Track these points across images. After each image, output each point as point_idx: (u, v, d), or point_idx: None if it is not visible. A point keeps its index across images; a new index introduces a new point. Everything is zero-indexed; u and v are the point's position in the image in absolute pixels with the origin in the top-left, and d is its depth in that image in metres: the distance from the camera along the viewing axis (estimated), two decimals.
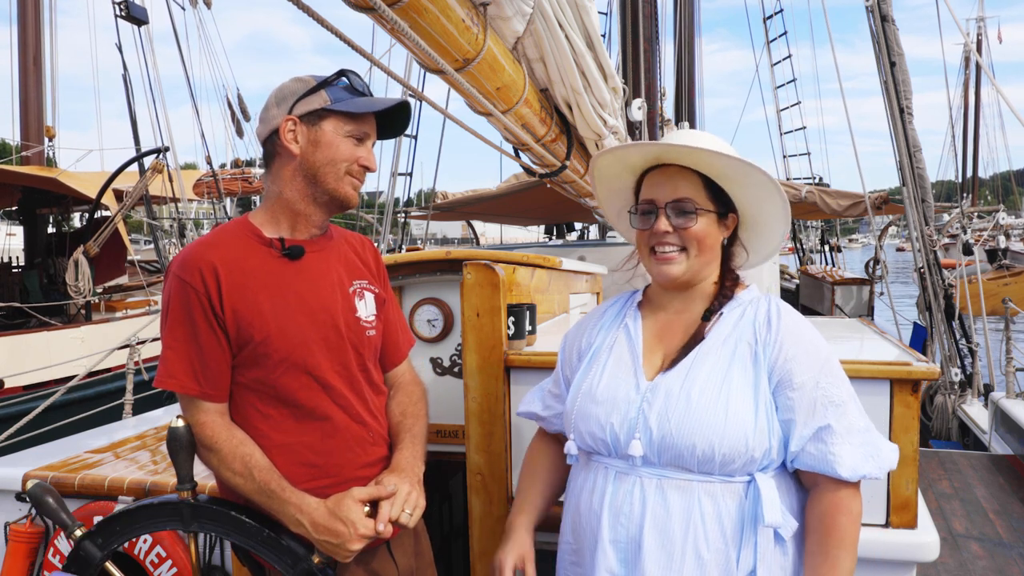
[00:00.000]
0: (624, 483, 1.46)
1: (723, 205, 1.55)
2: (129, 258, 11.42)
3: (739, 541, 1.40)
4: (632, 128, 4.04)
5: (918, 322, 7.68)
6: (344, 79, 1.65)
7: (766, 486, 1.41)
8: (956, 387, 6.41)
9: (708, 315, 1.54)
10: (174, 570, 2.34)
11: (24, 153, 11.13)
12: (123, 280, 12.85)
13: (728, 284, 1.58)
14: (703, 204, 1.51)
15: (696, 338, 1.52)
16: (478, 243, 13.28)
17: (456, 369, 2.39)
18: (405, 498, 1.57)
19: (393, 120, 1.72)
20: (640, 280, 1.68)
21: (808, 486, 1.49)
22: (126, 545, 2.33)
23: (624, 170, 1.62)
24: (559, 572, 1.62)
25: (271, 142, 1.64)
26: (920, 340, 7.38)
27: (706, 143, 1.50)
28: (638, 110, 4.02)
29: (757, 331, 1.50)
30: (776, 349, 1.47)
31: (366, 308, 1.72)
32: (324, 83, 1.62)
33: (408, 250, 8.71)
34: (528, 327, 2.18)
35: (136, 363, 5.55)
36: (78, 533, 1.62)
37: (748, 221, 1.60)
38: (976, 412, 6.15)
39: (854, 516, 1.43)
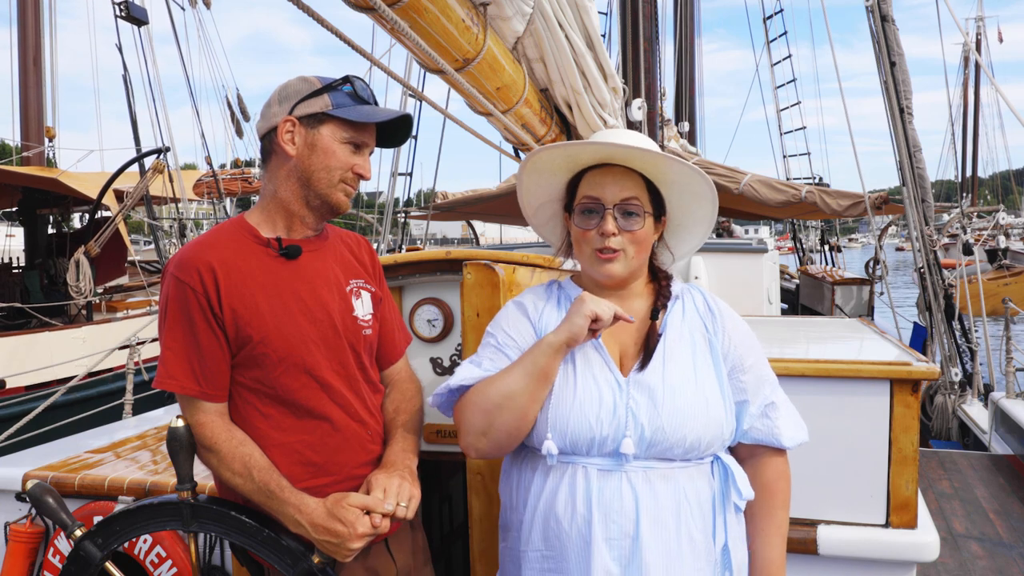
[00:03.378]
0: (610, 480, 1.45)
1: (659, 208, 1.59)
2: (130, 258, 11.43)
3: (713, 518, 1.49)
4: (632, 128, 4.04)
5: (918, 322, 7.68)
6: (348, 85, 1.64)
7: (733, 464, 1.53)
8: (956, 387, 6.40)
9: (655, 313, 1.57)
10: (174, 570, 2.34)
11: (25, 154, 11.12)
12: (123, 280, 12.86)
13: (665, 283, 1.62)
14: (646, 206, 1.54)
15: (653, 334, 1.54)
16: (478, 243, 13.27)
17: (456, 369, 2.38)
18: (397, 491, 1.57)
19: (394, 130, 1.72)
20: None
21: (744, 457, 1.60)
22: (126, 545, 2.33)
23: (564, 166, 1.61)
24: None
25: (269, 139, 1.64)
26: (920, 340, 7.37)
27: (648, 145, 1.54)
28: (638, 110, 4.02)
29: (704, 320, 1.58)
30: (726, 337, 1.57)
31: (363, 307, 1.72)
32: (328, 87, 1.61)
33: (408, 250, 8.71)
34: None
35: (136, 363, 5.56)
36: (78, 533, 1.62)
37: (674, 224, 1.65)
38: (976, 412, 6.15)
39: (788, 479, 1.62)
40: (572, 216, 1.59)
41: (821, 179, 14.41)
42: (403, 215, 10.80)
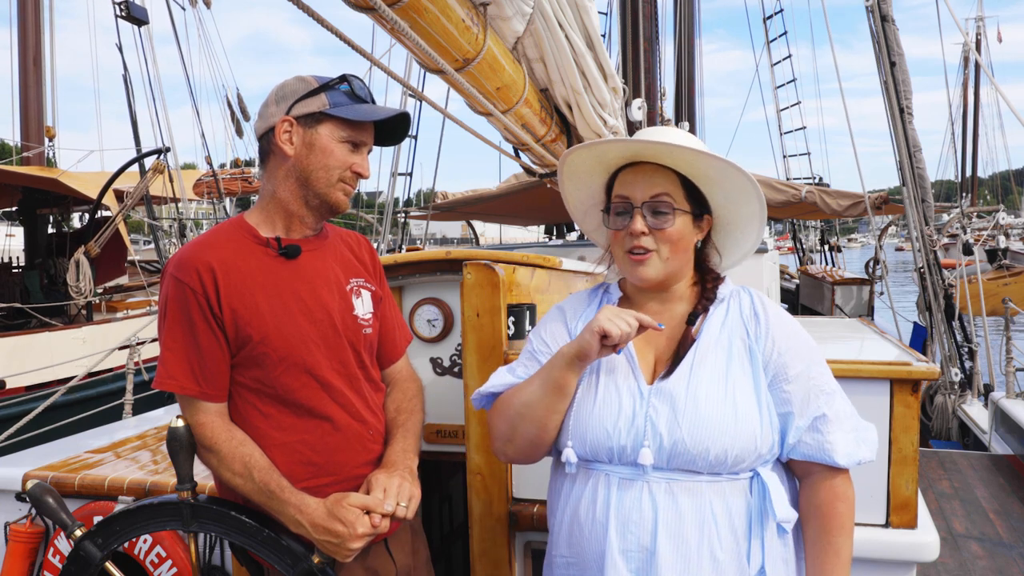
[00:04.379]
0: (630, 490, 1.40)
1: (699, 206, 1.52)
2: (130, 258, 11.43)
3: (748, 538, 1.40)
4: (632, 128, 4.04)
5: (918, 322, 7.68)
6: (346, 84, 1.63)
7: (772, 481, 1.41)
8: (956, 387, 6.40)
9: (693, 318, 1.50)
10: (174, 570, 2.34)
11: (25, 154, 11.12)
12: (123, 280, 12.86)
13: (710, 286, 1.55)
14: (680, 204, 1.47)
15: (687, 340, 1.48)
16: (478, 243, 13.27)
17: (456, 369, 2.38)
18: (397, 491, 1.57)
19: (392, 129, 1.72)
20: (612, 275, 1.65)
21: (800, 476, 1.49)
22: (126, 545, 2.33)
23: (597, 167, 1.57)
24: None
25: (267, 140, 1.64)
26: (920, 340, 7.38)
27: (684, 141, 1.47)
28: (638, 110, 4.02)
29: (747, 325, 1.49)
30: (768, 343, 1.46)
31: (363, 306, 1.72)
32: (325, 86, 1.61)
33: (408, 250, 8.71)
34: (528, 327, 2.18)
35: (136, 363, 5.56)
36: (78, 533, 1.62)
37: (722, 224, 1.57)
38: (976, 412, 6.15)
39: (850, 502, 1.45)
40: (607, 218, 1.54)
41: (821, 179, 14.42)
42: (403, 215, 10.80)
